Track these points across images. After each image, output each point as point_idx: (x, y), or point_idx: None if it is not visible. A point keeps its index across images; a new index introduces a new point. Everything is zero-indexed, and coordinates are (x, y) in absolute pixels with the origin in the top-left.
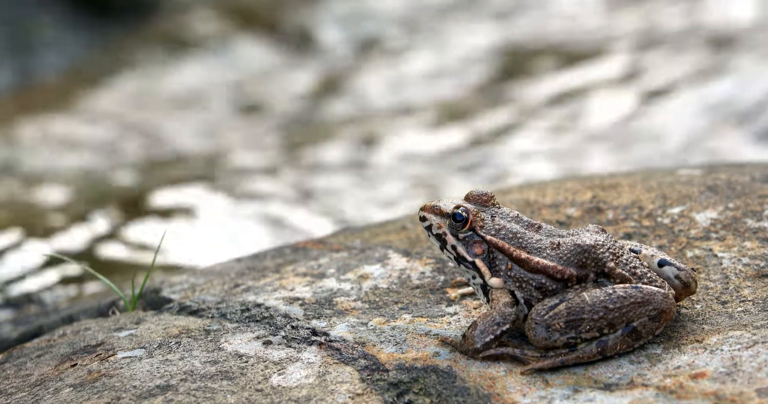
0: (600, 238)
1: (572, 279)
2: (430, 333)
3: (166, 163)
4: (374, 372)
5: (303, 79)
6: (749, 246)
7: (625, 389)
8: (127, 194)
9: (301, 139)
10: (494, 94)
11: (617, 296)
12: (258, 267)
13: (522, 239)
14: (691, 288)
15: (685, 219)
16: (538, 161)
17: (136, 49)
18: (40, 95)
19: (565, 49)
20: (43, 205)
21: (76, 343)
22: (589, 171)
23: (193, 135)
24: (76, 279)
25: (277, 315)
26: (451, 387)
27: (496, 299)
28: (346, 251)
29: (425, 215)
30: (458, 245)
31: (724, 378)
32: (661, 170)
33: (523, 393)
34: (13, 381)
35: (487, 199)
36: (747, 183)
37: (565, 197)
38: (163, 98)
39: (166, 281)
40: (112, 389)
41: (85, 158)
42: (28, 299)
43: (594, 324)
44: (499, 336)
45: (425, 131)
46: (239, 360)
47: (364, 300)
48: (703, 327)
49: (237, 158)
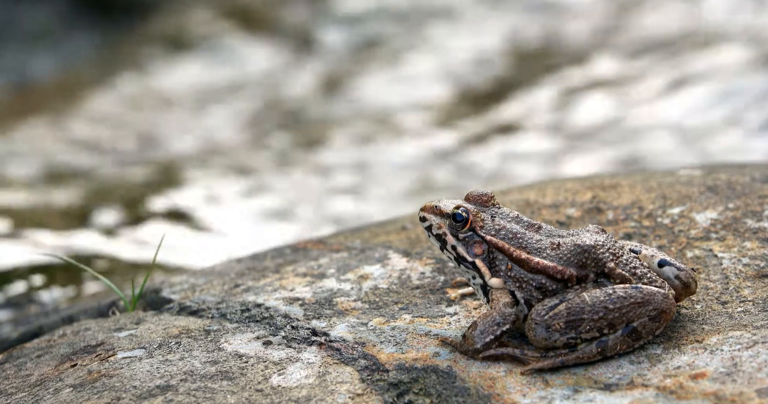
0: (600, 238)
1: (572, 279)
2: (430, 333)
3: (165, 163)
4: (374, 373)
5: (303, 78)
6: (749, 246)
7: (625, 389)
8: (127, 194)
9: (301, 138)
10: (495, 94)
11: (617, 296)
12: (258, 267)
13: (522, 239)
14: (691, 288)
15: (685, 219)
16: (535, 162)
17: (136, 49)
18: (40, 95)
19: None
20: (44, 205)
21: (76, 343)
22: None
23: (193, 135)
24: (76, 279)
25: (277, 315)
26: (451, 387)
27: (496, 299)
28: (346, 252)
29: (425, 215)
30: (458, 246)
31: (724, 378)
32: (661, 171)
33: (523, 394)
34: (13, 381)
35: (487, 199)
36: (747, 183)
37: (565, 197)
38: (163, 98)
39: (166, 282)
40: (112, 389)
41: (84, 158)
42: (28, 300)
43: (594, 324)
44: (499, 336)
45: (425, 130)
46: (239, 360)
47: (364, 300)
48: (703, 327)
49: (237, 157)
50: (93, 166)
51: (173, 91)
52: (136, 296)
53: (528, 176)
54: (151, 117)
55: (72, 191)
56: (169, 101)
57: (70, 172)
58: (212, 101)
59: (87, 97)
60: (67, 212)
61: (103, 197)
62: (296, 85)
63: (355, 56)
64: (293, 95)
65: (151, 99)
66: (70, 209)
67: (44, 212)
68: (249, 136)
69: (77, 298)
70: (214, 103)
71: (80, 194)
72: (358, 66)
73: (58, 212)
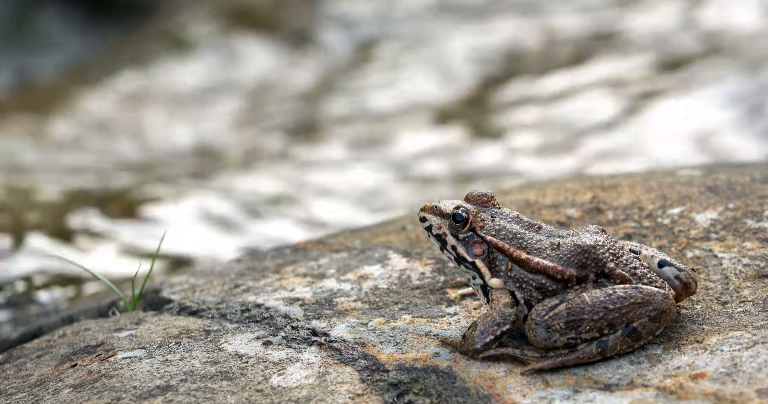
0: (600, 238)
1: (572, 280)
2: (430, 333)
3: (166, 162)
4: (374, 373)
5: (303, 78)
6: (749, 247)
7: (625, 389)
8: (127, 194)
9: (301, 138)
10: (495, 93)
11: (617, 296)
12: (258, 268)
13: (522, 239)
14: (691, 289)
15: (685, 220)
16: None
17: (136, 48)
18: (40, 95)
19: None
20: (43, 204)
21: (76, 343)
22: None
23: (193, 134)
24: (76, 279)
25: (277, 316)
26: (451, 387)
27: (496, 299)
28: (346, 252)
29: (425, 215)
30: (458, 246)
31: (724, 378)
32: (661, 171)
33: (523, 394)
34: (13, 381)
35: (487, 199)
36: (747, 184)
37: (565, 197)
38: (163, 98)
39: (166, 282)
40: (112, 389)
41: (84, 158)
42: (28, 300)
43: (594, 325)
44: (499, 336)
45: (425, 130)
46: (239, 361)
47: (364, 301)
48: (703, 328)
49: (237, 157)
50: (93, 165)
51: (173, 90)
52: (136, 296)
53: (528, 175)
54: (151, 116)
55: (72, 191)
56: (170, 100)
57: (70, 171)
58: (212, 99)
59: (86, 95)
60: (66, 211)
61: (103, 196)
62: (296, 84)
63: (355, 56)
64: (293, 94)
65: (151, 98)
66: (69, 209)
67: (44, 212)
68: (249, 135)
69: (77, 298)
70: (215, 102)
71: (80, 193)
72: (358, 66)
73: (58, 212)
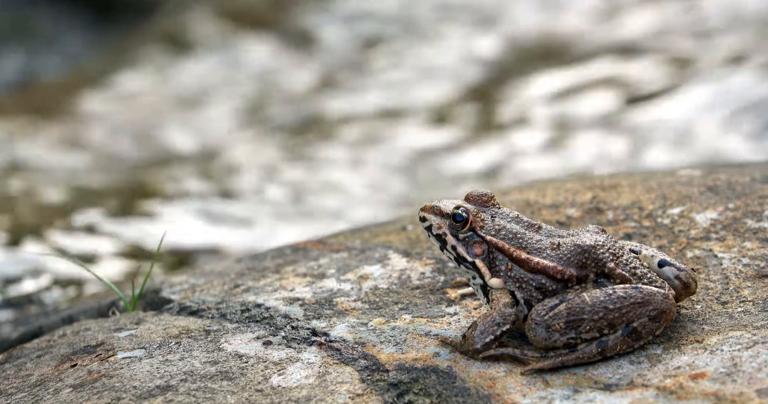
0: (600, 238)
1: (572, 280)
2: (430, 333)
3: (167, 162)
4: (374, 373)
5: (304, 78)
6: (749, 247)
7: (625, 389)
8: (127, 194)
9: (301, 138)
10: (495, 93)
11: (617, 296)
12: (258, 268)
13: (522, 239)
14: (691, 289)
15: (685, 220)
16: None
17: (137, 48)
18: (41, 94)
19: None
20: (44, 205)
21: (76, 343)
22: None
23: (194, 134)
24: (76, 279)
25: (277, 316)
26: (451, 387)
27: (496, 299)
28: (346, 252)
29: (425, 215)
30: (458, 246)
31: (724, 378)
32: (661, 171)
33: (523, 394)
34: (13, 381)
35: (487, 199)
36: (747, 184)
37: (565, 197)
38: (164, 98)
39: (166, 282)
40: (112, 389)
41: (85, 157)
42: (28, 300)
43: (594, 325)
44: (499, 336)
45: (425, 130)
46: (239, 361)
47: (364, 301)
48: (703, 328)
49: (238, 157)
50: (93, 165)
51: (174, 90)
52: (136, 296)
53: (527, 175)
54: (151, 116)
55: (72, 191)
56: (170, 100)
57: (70, 171)
58: (213, 99)
59: (87, 95)
60: (66, 211)
61: (103, 196)
62: (297, 84)
63: (355, 56)
64: (294, 94)
65: (152, 98)
66: (69, 209)
67: (44, 212)
68: (249, 134)
69: (77, 298)
70: (215, 101)
71: (80, 193)
72: (359, 65)
73: (58, 212)
